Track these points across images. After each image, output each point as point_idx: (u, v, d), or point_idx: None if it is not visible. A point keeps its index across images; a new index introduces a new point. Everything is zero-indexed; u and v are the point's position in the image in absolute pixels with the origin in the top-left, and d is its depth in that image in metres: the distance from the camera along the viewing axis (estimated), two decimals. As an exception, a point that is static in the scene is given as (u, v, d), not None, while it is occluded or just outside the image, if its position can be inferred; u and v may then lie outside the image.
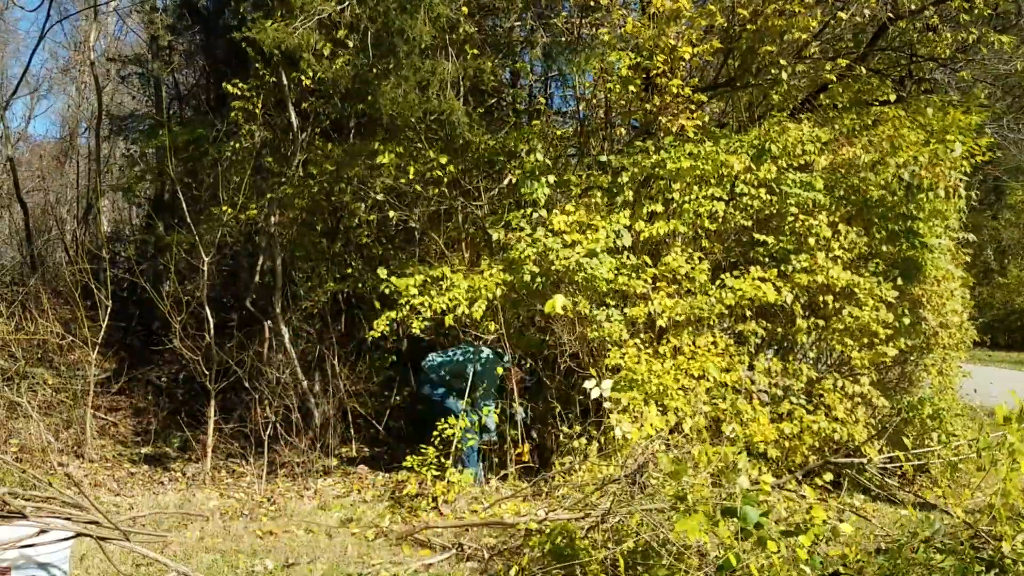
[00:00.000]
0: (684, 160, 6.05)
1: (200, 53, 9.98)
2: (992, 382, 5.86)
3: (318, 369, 7.63)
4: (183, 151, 8.29)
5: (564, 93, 9.52)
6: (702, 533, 3.13)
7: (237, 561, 4.70)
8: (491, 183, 7.39)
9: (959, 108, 6.41)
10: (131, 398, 8.74)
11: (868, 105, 6.90)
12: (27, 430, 6.61)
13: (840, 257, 6.00)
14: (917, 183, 5.92)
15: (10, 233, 15.25)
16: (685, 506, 3.42)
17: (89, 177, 13.54)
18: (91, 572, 4.50)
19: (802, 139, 6.16)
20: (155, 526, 5.20)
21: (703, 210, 6.07)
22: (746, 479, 3.39)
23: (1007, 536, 3.57)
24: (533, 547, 4.17)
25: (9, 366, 7.45)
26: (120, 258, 11.65)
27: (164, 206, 10.01)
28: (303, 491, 6.37)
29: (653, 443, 4.36)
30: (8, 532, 3.58)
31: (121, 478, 6.73)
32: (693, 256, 6.13)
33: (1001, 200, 18.97)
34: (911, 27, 7.02)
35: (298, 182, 7.60)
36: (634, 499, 3.92)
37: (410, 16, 6.21)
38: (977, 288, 12.68)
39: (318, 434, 7.07)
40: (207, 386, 6.75)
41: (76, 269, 7.77)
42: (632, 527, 3.73)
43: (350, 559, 4.77)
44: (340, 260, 8.09)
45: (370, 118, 7.31)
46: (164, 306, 6.78)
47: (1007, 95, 8.83)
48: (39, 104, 26.58)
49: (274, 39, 6.15)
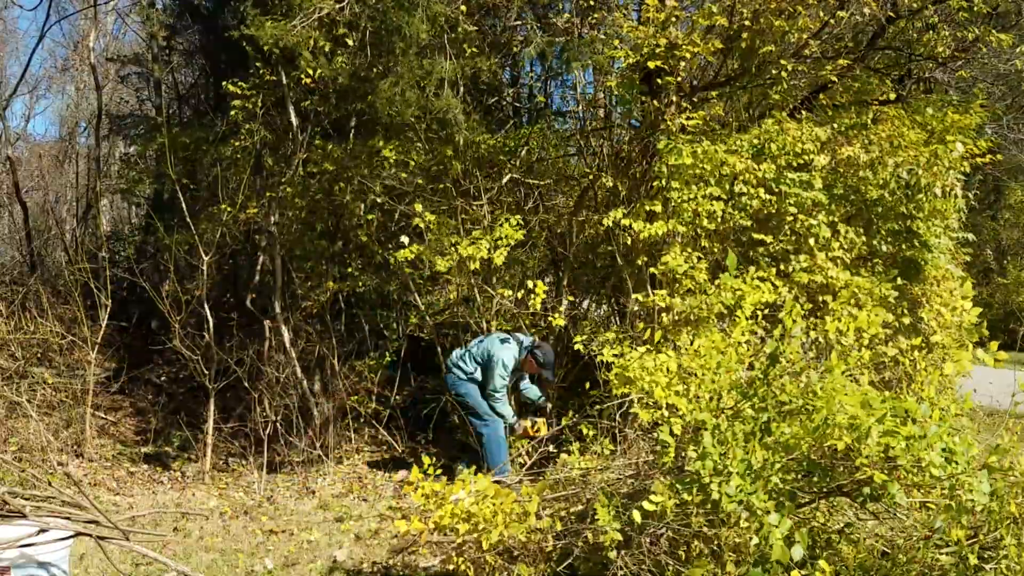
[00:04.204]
0: (686, 157, 6.04)
1: (200, 52, 9.99)
2: (992, 382, 5.84)
3: (318, 369, 7.64)
4: (182, 151, 8.30)
5: (564, 93, 9.54)
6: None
7: (237, 560, 4.71)
8: (491, 183, 7.40)
9: (959, 108, 6.41)
10: (131, 398, 8.74)
11: (867, 104, 6.90)
12: (27, 430, 6.61)
13: (840, 257, 6.00)
14: (916, 183, 5.92)
15: (10, 233, 15.26)
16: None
17: (88, 177, 13.54)
18: (91, 571, 4.50)
19: (802, 138, 6.16)
20: (154, 525, 5.20)
21: (702, 209, 6.07)
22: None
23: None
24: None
25: (9, 366, 7.45)
26: (120, 258, 11.66)
27: (164, 206, 10.01)
28: (303, 491, 6.37)
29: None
30: (8, 531, 3.59)
31: (121, 477, 6.73)
32: (692, 256, 6.12)
33: (1000, 200, 18.98)
34: (910, 26, 7.02)
35: (298, 182, 7.60)
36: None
37: (408, 14, 6.22)
38: (977, 288, 12.68)
39: (318, 434, 7.07)
40: (207, 386, 6.75)
41: (76, 269, 7.77)
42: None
43: (350, 559, 4.77)
44: (340, 260, 8.09)
45: (370, 117, 7.31)
46: (164, 306, 6.78)
47: (1007, 95, 8.84)
48: (38, 103, 26.59)
49: (272, 36, 6.16)
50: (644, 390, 4.76)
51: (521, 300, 6.65)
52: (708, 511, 3.33)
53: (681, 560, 3.43)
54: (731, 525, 3.31)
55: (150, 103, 11.92)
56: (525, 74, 9.77)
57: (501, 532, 3.72)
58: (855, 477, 3.25)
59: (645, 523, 3.47)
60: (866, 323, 4.66)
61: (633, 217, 6.20)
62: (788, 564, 2.96)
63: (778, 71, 6.61)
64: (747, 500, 3.05)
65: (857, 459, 3.16)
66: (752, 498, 3.04)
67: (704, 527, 3.41)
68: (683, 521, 3.46)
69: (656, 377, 5.28)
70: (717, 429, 3.26)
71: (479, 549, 3.84)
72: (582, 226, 7.59)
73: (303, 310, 7.98)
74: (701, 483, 3.15)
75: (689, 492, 3.22)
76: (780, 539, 2.97)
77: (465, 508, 3.80)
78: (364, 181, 7.43)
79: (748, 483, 3.08)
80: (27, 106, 20.94)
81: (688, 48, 6.39)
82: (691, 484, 3.22)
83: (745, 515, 3.09)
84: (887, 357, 5.95)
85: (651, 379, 5.35)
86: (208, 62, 9.73)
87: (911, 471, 3.17)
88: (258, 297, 7.78)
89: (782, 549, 2.96)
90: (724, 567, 3.30)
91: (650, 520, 3.47)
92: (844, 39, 7.33)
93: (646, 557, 3.50)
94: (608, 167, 7.30)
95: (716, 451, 3.16)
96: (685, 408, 3.80)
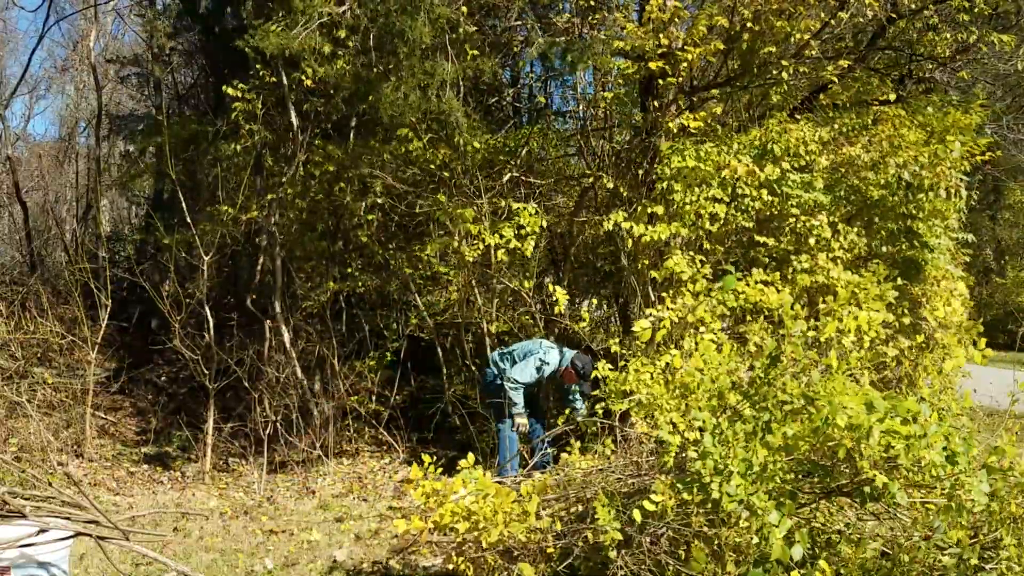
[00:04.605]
0: (690, 160, 6.03)
1: (200, 53, 10.00)
2: (992, 382, 5.84)
3: (318, 369, 7.63)
4: (183, 151, 8.30)
5: (564, 93, 9.54)
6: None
7: (237, 560, 4.71)
8: (491, 182, 7.40)
9: (959, 108, 6.40)
10: (131, 398, 8.74)
11: (868, 105, 6.90)
12: (27, 430, 6.61)
13: (840, 257, 5.99)
14: (917, 183, 5.92)
15: (10, 233, 15.27)
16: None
17: (88, 177, 13.55)
18: (90, 571, 4.50)
19: (804, 139, 6.15)
20: (154, 525, 5.20)
21: (704, 212, 6.06)
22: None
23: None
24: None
25: (9, 366, 7.45)
26: (120, 258, 11.67)
27: (164, 205, 10.03)
28: (303, 491, 6.37)
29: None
30: (8, 531, 3.59)
31: (121, 477, 6.73)
32: (695, 259, 6.11)
33: (1000, 200, 18.98)
34: (911, 27, 7.02)
35: (298, 182, 7.60)
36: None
37: (410, 17, 6.21)
38: (976, 288, 12.68)
39: (318, 434, 7.06)
40: (207, 386, 6.75)
41: (76, 269, 7.77)
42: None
43: (350, 559, 4.77)
44: (340, 260, 8.09)
45: (371, 118, 7.31)
46: (164, 306, 6.78)
47: (1007, 95, 8.84)
48: (38, 103, 26.60)
49: (277, 45, 6.15)
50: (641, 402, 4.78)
51: (526, 296, 6.67)
52: (709, 511, 3.33)
53: (681, 559, 3.43)
54: (731, 525, 3.31)
55: (150, 103, 11.93)
56: (525, 74, 9.77)
57: (501, 531, 3.72)
58: (856, 477, 3.25)
59: (645, 523, 3.48)
60: (866, 323, 4.66)
61: (634, 220, 6.20)
62: (788, 564, 2.96)
63: (779, 71, 6.61)
64: (748, 500, 3.05)
65: (858, 459, 3.16)
66: (753, 498, 3.04)
67: (704, 527, 3.41)
68: (683, 521, 3.46)
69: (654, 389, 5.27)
70: (717, 428, 3.27)
71: (479, 548, 3.84)
72: (582, 227, 7.59)
73: (303, 310, 7.97)
74: (702, 483, 3.15)
75: (690, 491, 3.22)
76: (780, 539, 2.97)
77: (465, 507, 3.79)
78: (363, 183, 7.43)
79: (749, 483, 3.08)
80: (27, 106, 20.97)
81: (689, 49, 6.39)
82: (692, 483, 3.22)
83: (745, 515, 3.09)
84: (888, 357, 5.95)
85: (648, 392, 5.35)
86: (208, 62, 9.74)
87: (912, 470, 3.17)
88: (258, 297, 7.77)
89: (782, 549, 2.96)
90: (724, 567, 3.30)
91: (650, 520, 3.47)
92: (845, 39, 7.33)
93: (646, 557, 3.50)
94: (609, 167, 7.30)
95: (717, 451, 3.16)
96: (684, 425, 3.82)
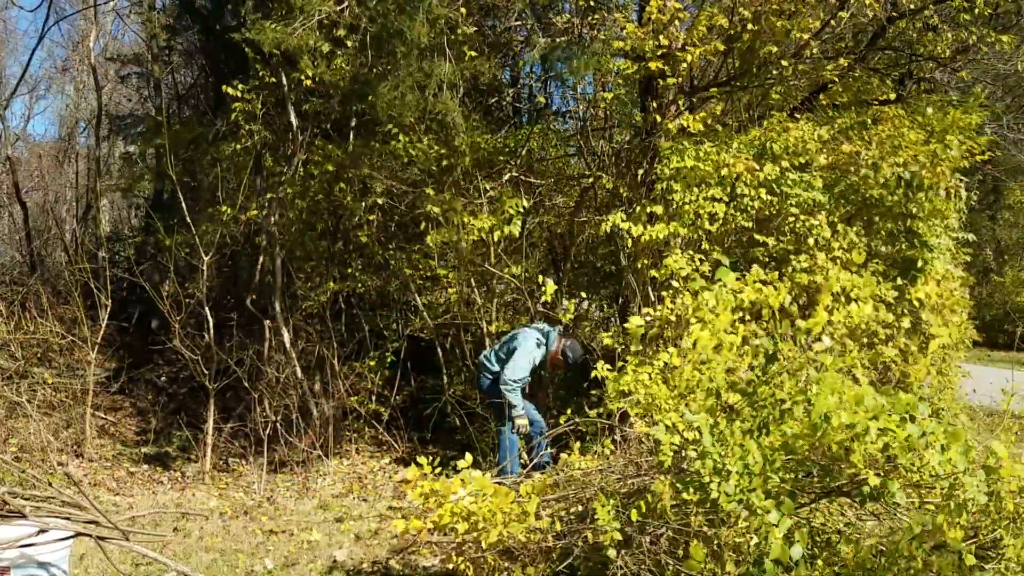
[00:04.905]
0: (689, 159, 6.03)
1: (199, 53, 9.99)
2: (992, 382, 5.84)
3: (318, 369, 7.63)
4: (182, 151, 8.29)
5: (564, 93, 9.54)
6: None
7: (237, 561, 4.71)
8: (491, 182, 7.40)
9: (959, 108, 6.40)
10: (131, 398, 8.74)
11: (868, 104, 6.90)
12: (27, 430, 6.61)
13: (840, 257, 5.99)
14: (917, 183, 5.92)
15: (10, 233, 15.27)
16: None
17: (88, 177, 13.55)
18: (90, 571, 4.50)
19: (803, 138, 6.15)
20: (154, 526, 5.20)
21: (703, 211, 6.06)
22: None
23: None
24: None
25: (9, 366, 7.45)
26: (120, 258, 11.66)
27: (163, 206, 10.02)
28: (303, 491, 6.37)
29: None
30: (8, 532, 3.59)
31: (121, 478, 6.73)
32: (695, 258, 6.11)
33: (999, 200, 18.98)
34: (911, 27, 7.02)
35: (298, 182, 7.60)
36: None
37: (409, 17, 6.21)
38: (976, 288, 12.68)
39: (318, 434, 7.07)
40: (207, 386, 6.75)
41: (76, 269, 7.77)
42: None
43: (350, 559, 4.78)
44: (340, 260, 8.09)
45: (371, 118, 7.32)
46: (164, 306, 6.78)
47: (1007, 95, 8.84)
48: (38, 104, 26.61)
49: (273, 40, 6.15)
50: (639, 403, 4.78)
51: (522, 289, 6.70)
52: (708, 510, 3.33)
53: (681, 559, 3.43)
54: (731, 524, 3.31)
55: (150, 103, 11.93)
56: (525, 74, 9.77)
57: (500, 532, 3.72)
58: (855, 477, 3.25)
59: (645, 522, 3.48)
60: (857, 316, 4.65)
61: (633, 221, 6.19)
62: (787, 563, 2.96)
63: (779, 71, 6.61)
64: (747, 499, 3.05)
65: (855, 458, 3.16)
66: (752, 497, 3.05)
67: (704, 526, 3.41)
68: (683, 520, 3.46)
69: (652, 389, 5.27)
70: (716, 428, 3.27)
71: (479, 548, 3.84)
72: (582, 226, 7.59)
73: (303, 310, 7.97)
74: (700, 482, 3.16)
75: (688, 491, 3.23)
76: (779, 538, 2.97)
77: (464, 507, 3.80)
78: (363, 183, 7.43)
79: (747, 482, 3.08)
80: (27, 106, 20.95)
81: (689, 49, 6.39)
82: (690, 483, 3.22)
83: (745, 514, 3.09)
84: (887, 357, 5.95)
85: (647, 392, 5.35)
86: (208, 62, 9.73)
87: (910, 469, 3.17)
88: (258, 297, 7.78)
89: (781, 548, 2.96)
90: (723, 567, 3.30)
91: (650, 519, 3.48)
92: (845, 39, 7.33)
93: (646, 557, 3.50)
94: (609, 167, 7.30)
95: (715, 450, 3.16)
96: (683, 425, 3.82)
